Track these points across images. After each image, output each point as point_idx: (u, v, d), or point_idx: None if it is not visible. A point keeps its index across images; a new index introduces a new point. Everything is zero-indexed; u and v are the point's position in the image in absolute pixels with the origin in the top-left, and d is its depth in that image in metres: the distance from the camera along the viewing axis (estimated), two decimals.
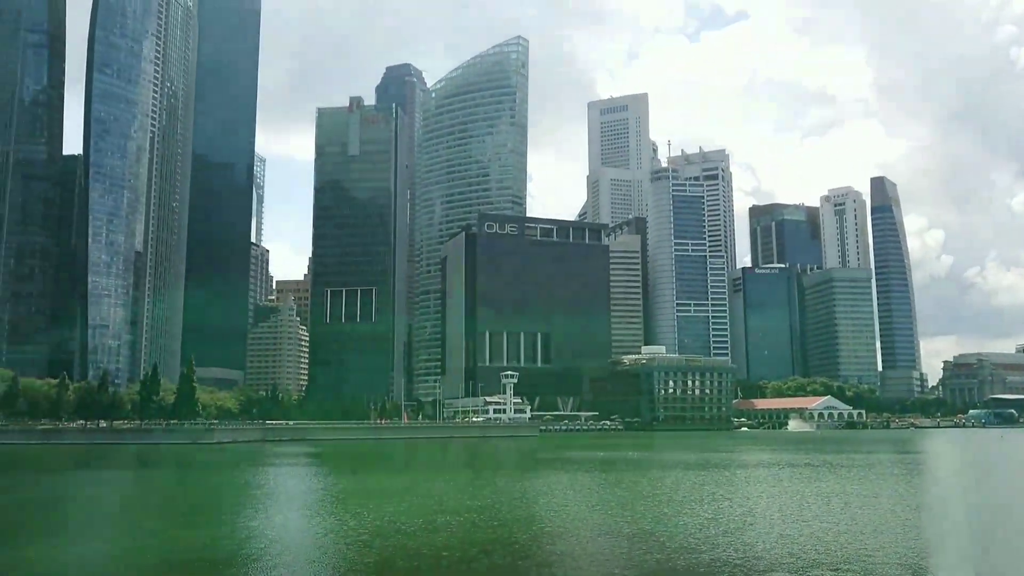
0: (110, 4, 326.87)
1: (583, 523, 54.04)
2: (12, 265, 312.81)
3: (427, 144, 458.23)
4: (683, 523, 52.00)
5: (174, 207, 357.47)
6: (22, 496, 74.45)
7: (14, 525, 54.68)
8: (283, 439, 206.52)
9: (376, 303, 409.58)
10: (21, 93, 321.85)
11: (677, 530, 49.16)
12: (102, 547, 46.10)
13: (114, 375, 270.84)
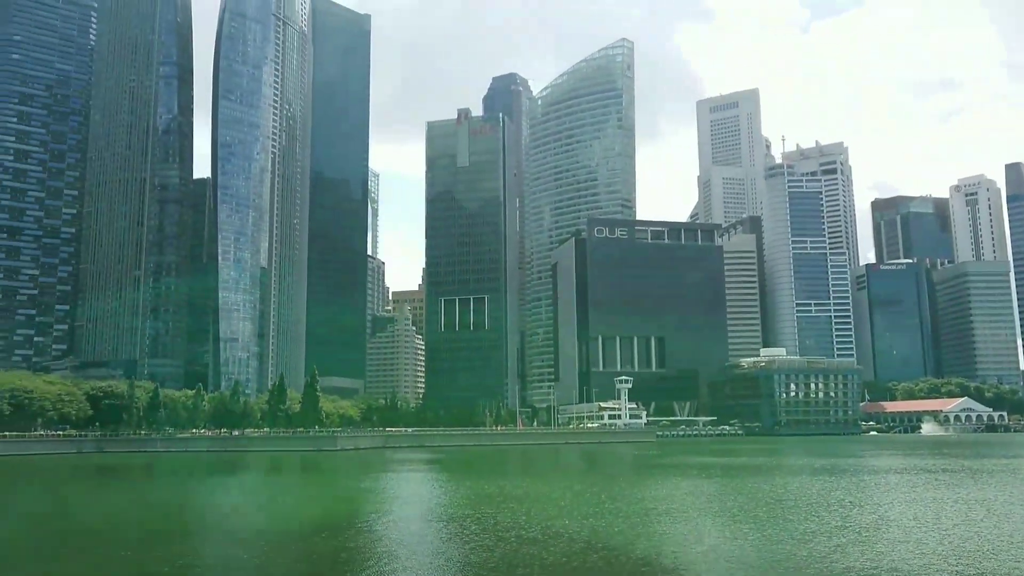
0: (232, 34, 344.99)
1: (704, 529, 52.90)
2: (151, 284, 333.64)
3: (535, 151, 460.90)
4: (810, 529, 50.13)
5: (295, 224, 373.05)
6: (167, 500, 79.13)
7: (170, 527, 58.19)
8: (402, 445, 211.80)
9: (489, 311, 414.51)
10: (155, 122, 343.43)
11: (804, 537, 47.43)
12: (241, 552, 48.30)
13: (244, 385, 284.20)
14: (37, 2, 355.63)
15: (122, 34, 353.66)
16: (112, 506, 74.28)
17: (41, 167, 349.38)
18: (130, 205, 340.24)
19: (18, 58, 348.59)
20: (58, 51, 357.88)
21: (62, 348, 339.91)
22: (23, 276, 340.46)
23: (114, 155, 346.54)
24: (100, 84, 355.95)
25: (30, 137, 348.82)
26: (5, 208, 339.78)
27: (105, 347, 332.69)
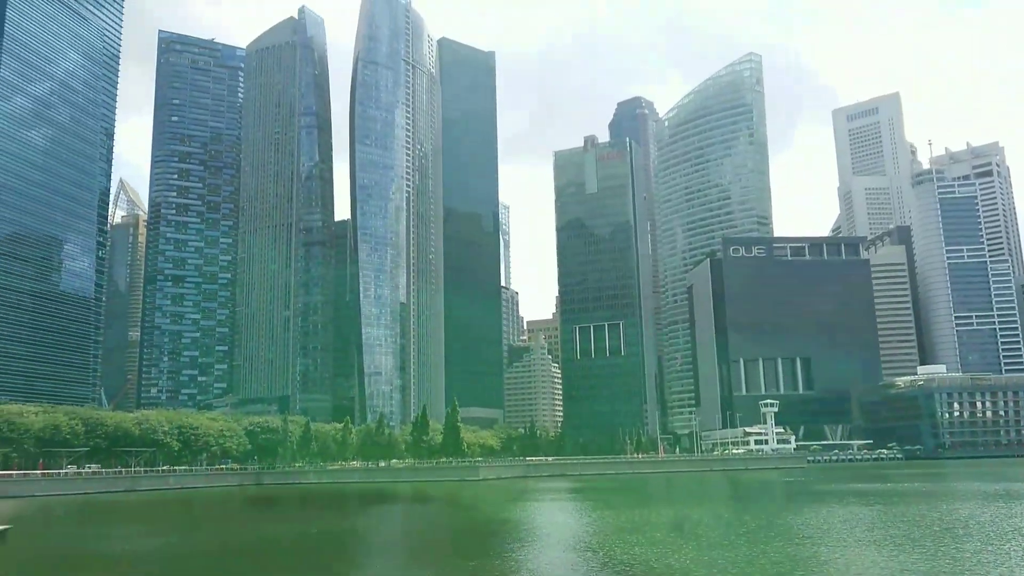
0: (365, 81, 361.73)
1: (864, 559, 49.68)
2: (300, 323, 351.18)
3: (664, 174, 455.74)
4: (985, 560, 46.09)
5: (430, 258, 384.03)
6: (334, 527, 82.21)
7: (337, 553, 60.47)
8: (543, 475, 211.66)
9: (624, 336, 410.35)
10: (299, 170, 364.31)
11: (980, 567, 43.63)
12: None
13: (388, 418, 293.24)
14: (193, 68, 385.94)
15: (267, 91, 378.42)
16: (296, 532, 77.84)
17: (199, 218, 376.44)
18: (278, 249, 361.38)
19: (177, 120, 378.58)
20: (211, 111, 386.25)
21: (222, 387, 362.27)
22: (187, 320, 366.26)
23: (263, 203, 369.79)
24: (248, 138, 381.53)
25: (189, 192, 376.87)
26: (170, 259, 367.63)
27: (260, 384, 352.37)
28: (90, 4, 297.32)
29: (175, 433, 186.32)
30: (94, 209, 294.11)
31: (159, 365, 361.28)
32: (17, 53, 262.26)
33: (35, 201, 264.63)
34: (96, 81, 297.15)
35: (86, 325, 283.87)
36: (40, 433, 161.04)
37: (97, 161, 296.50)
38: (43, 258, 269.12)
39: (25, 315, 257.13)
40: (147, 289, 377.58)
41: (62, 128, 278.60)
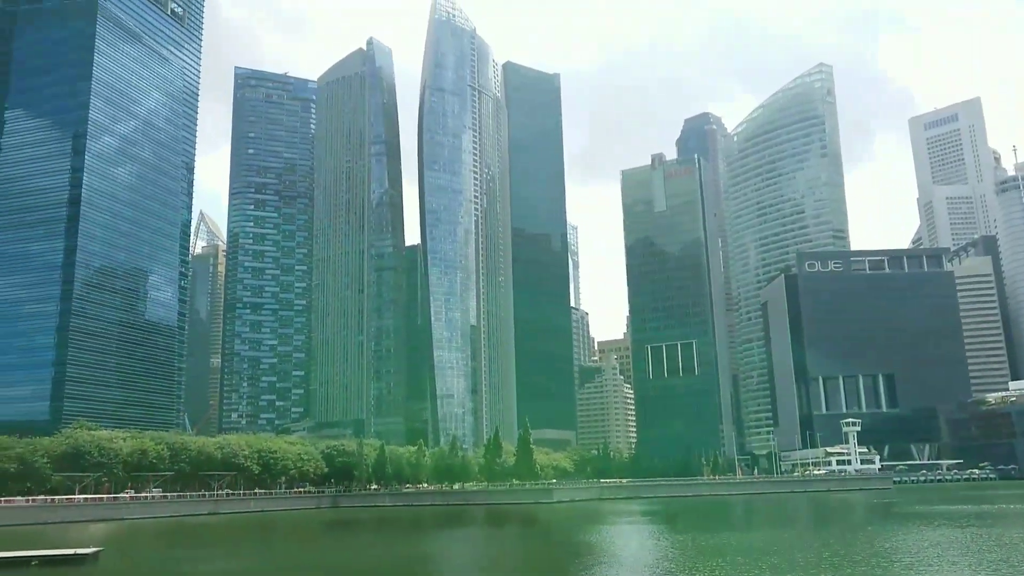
0: (433, 108, 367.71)
1: None
2: (373, 347, 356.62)
3: (734, 189, 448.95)
4: None
5: (500, 281, 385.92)
6: (412, 551, 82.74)
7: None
8: (618, 497, 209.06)
9: (698, 356, 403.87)
10: (369, 197, 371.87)
11: None
12: None
13: (461, 440, 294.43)
14: (267, 101, 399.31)
15: (338, 121, 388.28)
16: (381, 554, 78.66)
17: (275, 247, 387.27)
18: (351, 275, 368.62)
19: (253, 152, 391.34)
20: (285, 142, 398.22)
21: (300, 411, 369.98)
22: (265, 347, 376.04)
23: (335, 231, 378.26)
24: (321, 168, 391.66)
25: (265, 221, 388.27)
26: (248, 287, 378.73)
27: (336, 408, 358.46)
28: (171, 46, 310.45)
29: (255, 457, 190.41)
30: (176, 241, 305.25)
31: (239, 390, 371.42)
32: (105, 95, 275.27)
33: (122, 235, 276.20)
34: (177, 118, 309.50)
35: (170, 353, 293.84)
36: (128, 458, 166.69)
37: (179, 195, 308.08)
38: (130, 289, 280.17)
39: (114, 344, 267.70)
40: (227, 317, 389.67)
41: (146, 164, 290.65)
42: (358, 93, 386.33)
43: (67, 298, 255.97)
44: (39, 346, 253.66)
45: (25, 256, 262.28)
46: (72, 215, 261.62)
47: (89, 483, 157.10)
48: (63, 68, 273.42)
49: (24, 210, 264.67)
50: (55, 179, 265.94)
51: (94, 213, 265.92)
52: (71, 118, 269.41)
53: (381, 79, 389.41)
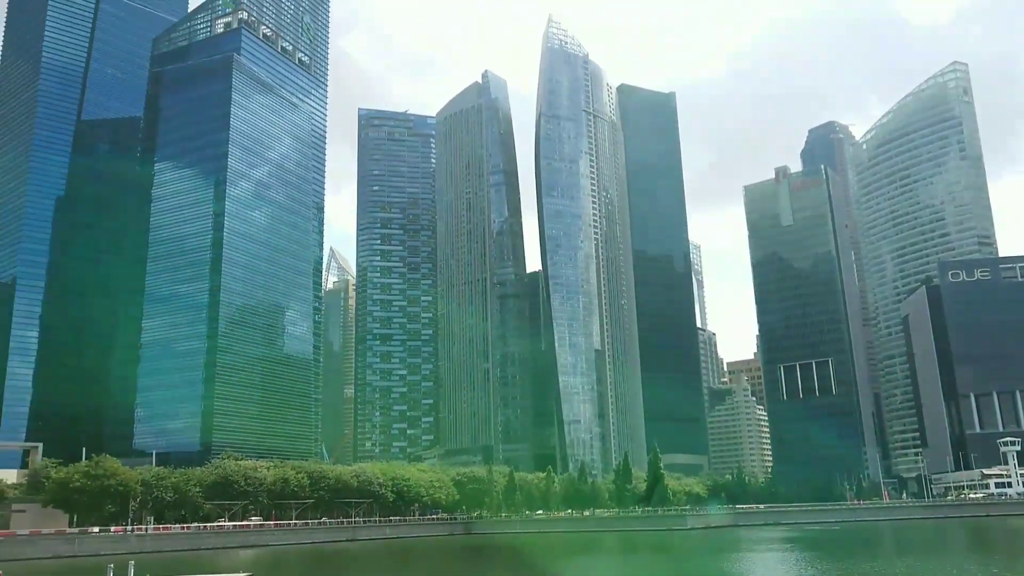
0: (549, 135, 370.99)
1: None
2: (499, 374, 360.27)
3: (865, 199, 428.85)
4: None
5: (622, 304, 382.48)
6: None
7: None
8: (755, 523, 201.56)
9: (834, 374, 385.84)
10: (490, 226, 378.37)
11: None
12: None
13: (590, 466, 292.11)
14: (390, 139, 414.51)
15: (457, 154, 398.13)
16: None
17: (402, 279, 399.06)
18: (475, 304, 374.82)
19: (378, 189, 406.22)
20: (407, 177, 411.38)
21: (430, 439, 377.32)
22: (395, 376, 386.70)
23: (458, 261, 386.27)
24: (442, 200, 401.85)
25: (392, 255, 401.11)
26: (377, 319, 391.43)
27: (464, 435, 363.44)
28: (299, 93, 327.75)
29: (389, 484, 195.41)
30: (310, 277, 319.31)
31: (372, 420, 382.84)
32: (242, 144, 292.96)
33: (260, 274, 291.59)
34: (307, 161, 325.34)
35: (306, 385, 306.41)
36: (272, 486, 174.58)
37: (311, 233, 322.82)
38: (269, 325, 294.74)
39: (256, 378, 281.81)
40: (358, 348, 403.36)
41: (280, 206, 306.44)
42: (475, 125, 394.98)
43: (213, 335, 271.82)
44: (190, 381, 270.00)
45: (175, 297, 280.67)
46: (215, 257, 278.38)
47: (237, 511, 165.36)
48: (204, 122, 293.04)
49: (174, 255, 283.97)
50: (200, 224, 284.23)
51: (234, 254, 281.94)
52: (212, 167, 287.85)
53: (497, 110, 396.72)
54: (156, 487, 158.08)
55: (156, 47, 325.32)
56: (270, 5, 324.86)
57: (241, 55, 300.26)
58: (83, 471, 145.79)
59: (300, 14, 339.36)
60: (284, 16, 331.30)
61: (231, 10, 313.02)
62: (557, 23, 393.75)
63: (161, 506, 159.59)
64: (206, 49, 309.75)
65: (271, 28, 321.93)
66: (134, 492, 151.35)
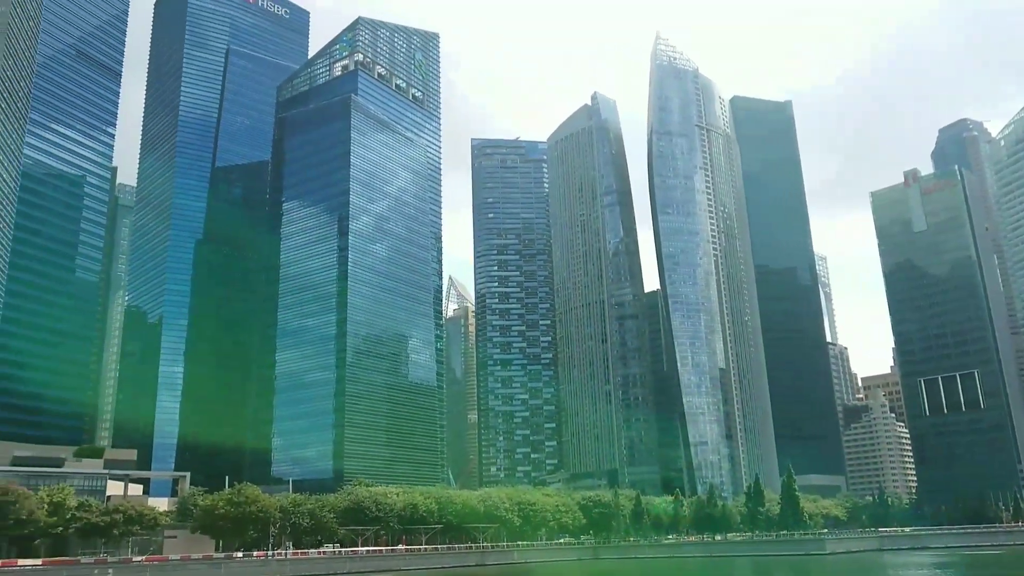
0: (661, 152, 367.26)
1: None
2: (621, 396, 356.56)
3: (1007, 199, 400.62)
4: None
5: (746, 321, 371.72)
6: None
7: None
8: (900, 547, 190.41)
9: (981, 387, 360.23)
10: (605, 247, 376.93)
11: None
12: None
13: (719, 488, 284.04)
14: (503, 167, 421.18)
15: (569, 177, 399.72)
16: None
17: (520, 304, 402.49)
18: (594, 326, 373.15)
19: (493, 216, 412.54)
20: (521, 203, 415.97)
21: (554, 463, 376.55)
22: (516, 401, 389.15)
23: (575, 283, 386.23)
24: (556, 224, 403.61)
25: (509, 281, 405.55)
26: (497, 344, 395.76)
27: (589, 459, 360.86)
28: (414, 128, 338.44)
29: (515, 509, 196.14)
30: (431, 306, 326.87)
31: (496, 445, 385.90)
32: (361, 180, 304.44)
33: (384, 304, 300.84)
34: (424, 192, 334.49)
35: (431, 411, 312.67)
36: (402, 511, 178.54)
37: (430, 263, 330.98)
38: (393, 354, 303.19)
39: (383, 406, 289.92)
40: (480, 374, 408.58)
41: (399, 238, 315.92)
42: (587, 147, 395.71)
43: (341, 366, 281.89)
44: (321, 411, 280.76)
45: (305, 330, 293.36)
46: (341, 290, 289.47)
47: (369, 536, 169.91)
48: (326, 161, 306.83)
49: (303, 289, 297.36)
50: (325, 259, 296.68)
51: (358, 286, 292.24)
52: (335, 203, 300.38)
53: (608, 131, 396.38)
54: (293, 513, 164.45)
55: (280, 94, 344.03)
56: (384, 45, 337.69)
57: (358, 95, 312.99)
58: (226, 498, 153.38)
59: (412, 52, 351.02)
60: (397, 55, 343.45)
61: (347, 53, 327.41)
62: (665, 40, 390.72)
63: (299, 531, 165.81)
64: (326, 92, 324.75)
65: (385, 67, 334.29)
66: (273, 518, 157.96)
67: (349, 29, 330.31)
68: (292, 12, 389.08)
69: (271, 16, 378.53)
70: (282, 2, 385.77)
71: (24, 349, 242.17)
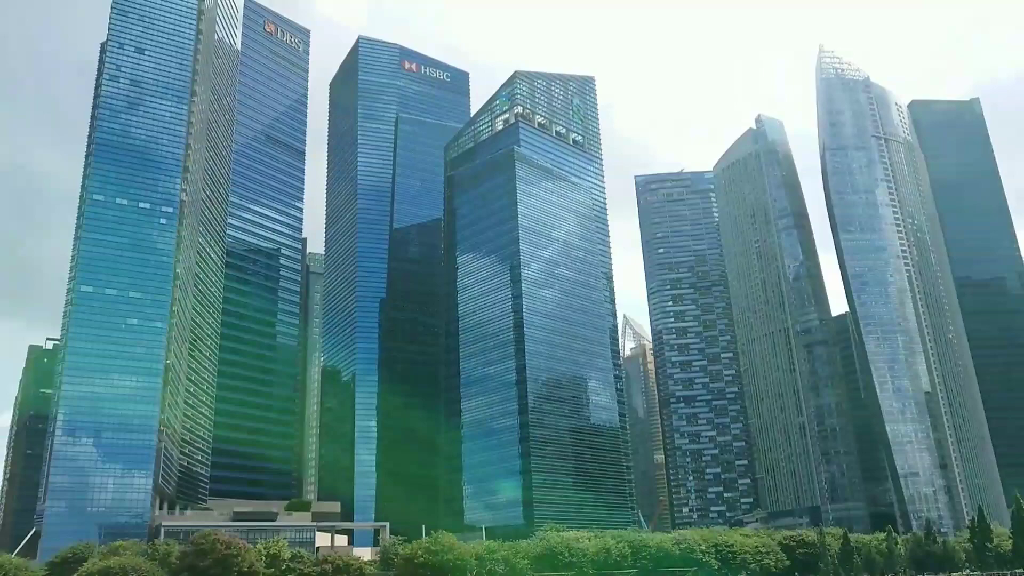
0: (836, 169, 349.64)
1: None
2: (816, 428, 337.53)
3: None
4: None
5: (950, 338, 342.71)
6: None
7: None
8: None
9: None
10: (784, 272, 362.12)
11: None
12: None
13: (936, 523, 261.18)
14: (668, 200, 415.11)
15: (739, 204, 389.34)
16: None
17: (699, 338, 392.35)
18: (779, 355, 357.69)
19: (663, 252, 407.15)
20: (691, 236, 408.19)
21: (749, 501, 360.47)
22: (704, 439, 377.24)
23: (755, 313, 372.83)
24: (730, 253, 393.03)
25: (685, 315, 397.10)
26: (679, 381, 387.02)
27: (786, 496, 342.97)
28: (577, 172, 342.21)
29: (712, 552, 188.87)
30: (607, 347, 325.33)
31: (686, 485, 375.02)
32: (529, 228, 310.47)
33: (560, 348, 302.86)
34: (591, 234, 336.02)
35: (616, 453, 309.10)
36: (595, 557, 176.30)
37: (602, 303, 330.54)
38: (573, 397, 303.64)
39: (568, 449, 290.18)
40: (663, 413, 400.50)
41: (571, 281, 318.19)
42: (755, 172, 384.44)
43: (523, 411, 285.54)
44: (508, 457, 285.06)
45: (487, 378, 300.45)
46: (518, 337, 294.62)
47: None
48: (495, 213, 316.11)
49: (482, 338, 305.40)
50: (501, 308, 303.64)
51: (534, 332, 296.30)
52: (506, 253, 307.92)
53: (776, 152, 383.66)
54: (488, 560, 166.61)
55: (447, 153, 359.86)
56: (541, 95, 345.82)
57: (520, 146, 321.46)
58: (424, 547, 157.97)
59: (569, 98, 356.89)
60: (555, 103, 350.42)
61: (507, 107, 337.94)
62: (829, 51, 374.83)
63: None
64: (490, 147, 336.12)
65: (544, 116, 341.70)
66: (469, 566, 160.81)
67: (507, 84, 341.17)
68: (452, 75, 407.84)
69: (434, 82, 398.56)
70: (442, 67, 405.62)
71: (237, 412, 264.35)
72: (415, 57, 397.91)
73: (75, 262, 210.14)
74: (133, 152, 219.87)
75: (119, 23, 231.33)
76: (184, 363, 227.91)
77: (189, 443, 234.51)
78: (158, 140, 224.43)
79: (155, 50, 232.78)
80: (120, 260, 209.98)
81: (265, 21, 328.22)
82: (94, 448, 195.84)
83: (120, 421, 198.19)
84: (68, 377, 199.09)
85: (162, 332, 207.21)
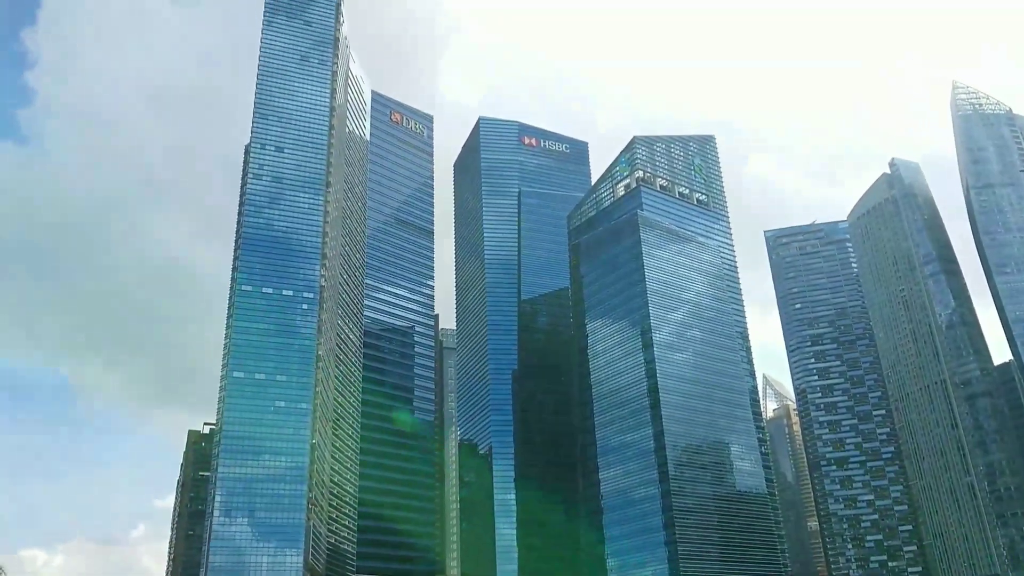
0: (985, 208, 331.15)
1: None
2: (987, 487, 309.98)
3: None
4: None
5: None
6: None
7: None
8: None
9: None
10: (935, 321, 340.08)
11: None
12: None
13: None
14: (802, 254, 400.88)
15: (879, 253, 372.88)
16: None
17: (846, 395, 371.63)
18: (938, 410, 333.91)
19: (800, 307, 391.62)
20: (829, 289, 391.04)
21: (917, 570, 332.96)
22: (861, 503, 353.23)
23: (906, 365, 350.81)
24: (873, 304, 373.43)
25: (829, 372, 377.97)
26: (828, 442, 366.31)
27: (960, 564, 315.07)
28: (703, 232, 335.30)
29: None
30: (748, 409, 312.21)
31: (845, 554, 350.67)
32: (658, 291, 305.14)
33: (698, 412, 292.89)
34: (722, 293, 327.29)
35: (765, 520, 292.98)
36: None
37: (739, 364, 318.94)
38: (715, 463, 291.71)
39: (713, 518, 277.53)
40: (813, 476, 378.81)
41: (704, 343, 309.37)
42: (893, 218, 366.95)
43: (664, 480, 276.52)
44: (651, 527, 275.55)
45: (625, 446, 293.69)
46: (653, 403, 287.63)
47: None
48: (622, 278, 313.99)
49: (617, 406, 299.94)
50: (633, 374, 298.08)
51: (670, 397, 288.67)
52: (636, 317, 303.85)
53: (915, 196, 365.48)
54: None
55: (570, 222, 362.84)
56: (662, 157, 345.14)
57: (644, 210, 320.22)
58: None
59: (690, 158, 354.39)
60: (676, 164, 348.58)
61: (628, 173, 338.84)
62: (964, 87, 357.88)
63: None
64: (612, 213, 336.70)
65: (666, 178, 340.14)
66: None
67: (626, 150, 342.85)
68: (571, 146, 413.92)
69: (554, 154, 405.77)
70: (561, 139, 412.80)
71: (380, 488, 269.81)
72: (534, 132, 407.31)
73: (227, 349, 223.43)
74: (276, 243, 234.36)
75: (260, 125, 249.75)
76: (328, 441, 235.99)
77: (335, 520, 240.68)
78: (298, 231, 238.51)
79: (293, 147, 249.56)
80: (267, 346, 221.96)
81: (391, 111, 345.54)
82: (249, 528, 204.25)
83: (272, 500, 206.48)
84: (223, 459, 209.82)
85: (307, 413, 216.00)
